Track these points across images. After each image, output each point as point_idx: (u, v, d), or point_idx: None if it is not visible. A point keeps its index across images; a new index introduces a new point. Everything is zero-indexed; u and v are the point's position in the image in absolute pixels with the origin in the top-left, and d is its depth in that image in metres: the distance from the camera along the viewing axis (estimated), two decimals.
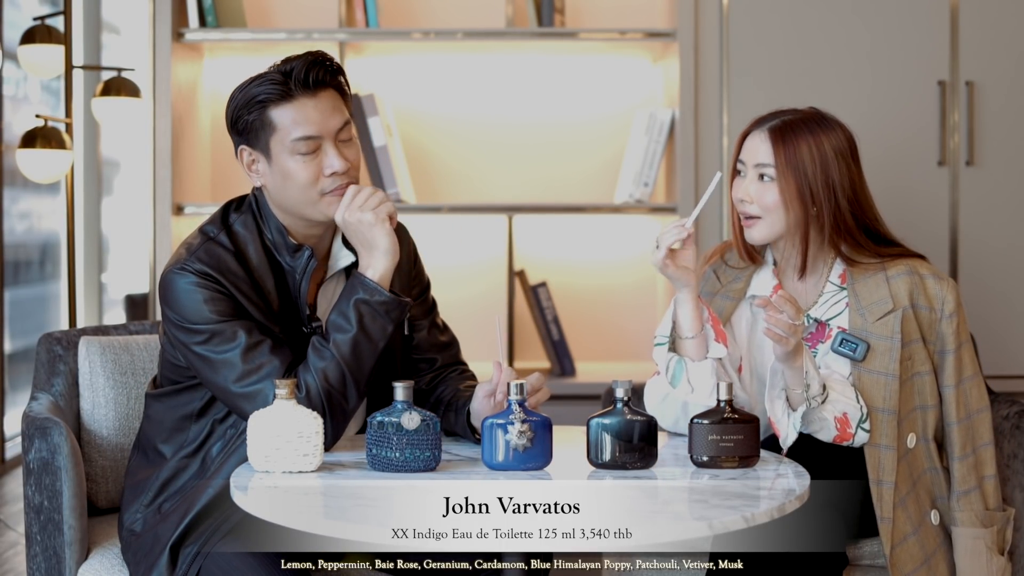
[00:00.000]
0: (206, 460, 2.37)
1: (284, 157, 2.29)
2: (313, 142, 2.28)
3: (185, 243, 2.36)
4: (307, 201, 2.31)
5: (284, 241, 2.35)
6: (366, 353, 2.26)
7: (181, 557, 2.29)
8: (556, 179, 4.09)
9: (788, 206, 2.47)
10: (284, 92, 2.27)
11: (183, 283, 2.27)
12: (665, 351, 2.44)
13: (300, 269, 2.34)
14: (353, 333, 2.25)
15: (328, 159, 2.29)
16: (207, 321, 2.26)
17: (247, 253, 2.33)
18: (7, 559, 4.09)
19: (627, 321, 4.08)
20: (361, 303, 2.26)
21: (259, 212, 2.38)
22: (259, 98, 2.27)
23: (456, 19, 3.99)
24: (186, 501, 2.34)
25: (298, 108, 2.27)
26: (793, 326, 2.31)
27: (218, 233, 2.34)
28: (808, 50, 3.65)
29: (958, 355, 2.54)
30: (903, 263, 2.54)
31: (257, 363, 2.24)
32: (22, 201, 6.05)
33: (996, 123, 3.64)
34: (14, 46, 4.75)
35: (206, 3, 3.78)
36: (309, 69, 2.27)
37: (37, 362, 2.74)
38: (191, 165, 3.89)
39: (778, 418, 2.40)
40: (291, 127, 2.27)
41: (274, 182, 2.32)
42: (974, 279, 3.64)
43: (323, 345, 2.26)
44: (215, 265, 2.28)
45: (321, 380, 2.24)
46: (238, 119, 2.31)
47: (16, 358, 5.69)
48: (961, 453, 2.53)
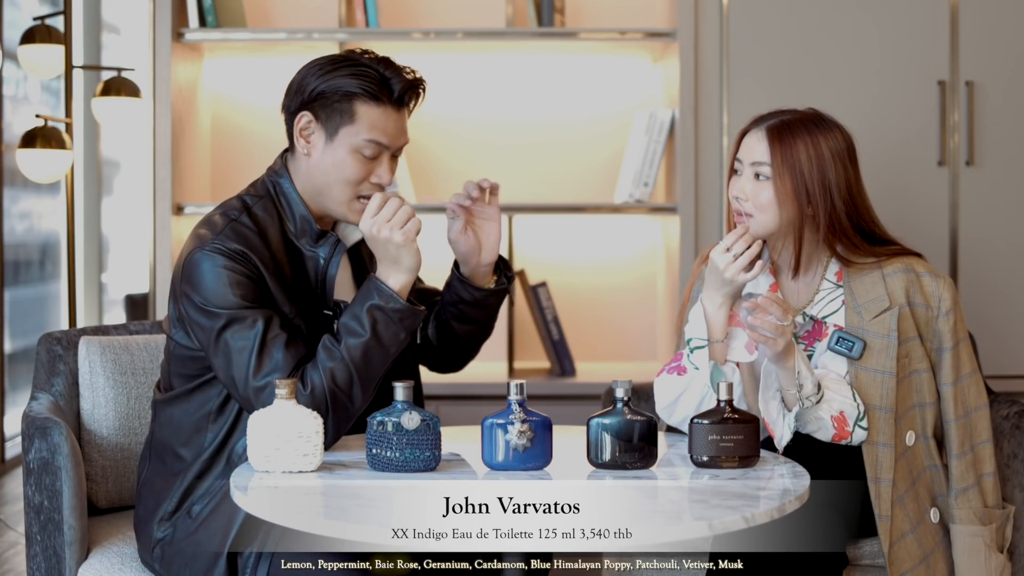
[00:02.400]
0: (231, 458, 2.36)
1: (346, 148, 2.35)
2: (379, 149, 2.36)
3: (207, 224, 2.36)
4: (340, 196, 2.37)
5: (309, 227, 2.39)
6: (377, 359, 2.27)
7: (241, 562, 2.28)
8: (556, 179, 4.09)
9: (782, 205, 2.48)
10: (378, 95, 2.34)
11: (211, 264, 2.29)
12: (706, 354, 2.45)
13: (326, 256, 2.38)
14: (366, 338, 2.26)
15: (380, 169, 2.38)
16: (230, 305, 2.27)
17: (268, 235, 2.36)
18: (7, 559, 4.10)
19: (627, 321, 4.08)
20: (376, 309, 2.27)
21: (278, 198, 2.41)
22: (351, 88, 2.34)
23: (456, 19, 3.99)
24: (226, 504, 2.32)
25: (382, 115, 2.36)
26: (780, 327, 2.32)
27: (240, 215, 2.37)
28: (808, 50, 3.65)
29: (955, 352, 2.54)
30: (899, 261, 2.55)
31: (271, 356, 2.25)
32: (22, 201, 6.05)
33: (996, 123, 3.64)
34: (14, 46, 4.75)
35: (206, 3, 3.78)
36: (408, 89, 2.38)
37: (37, 362, 2.74)
38: (191, 165, 3.89)
39: (773, 419, 2.41)
40: (368, 128, 2.35)
41: (322, 161, 2.37)
42: (974, 279, 3.64)
43: (334, 346, 2.26)
44: (244, 242, 2.31)
45: (328, 380, 2.24)
46: (318, 91, 2.35)
47: (16, 358, 5.69)
48: (959, 451, 2.54)
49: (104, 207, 6.63)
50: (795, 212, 2.49)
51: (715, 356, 2.46)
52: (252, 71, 4.05)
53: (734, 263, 2.42)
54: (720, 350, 2.46)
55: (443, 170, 4.07)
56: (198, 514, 2.35)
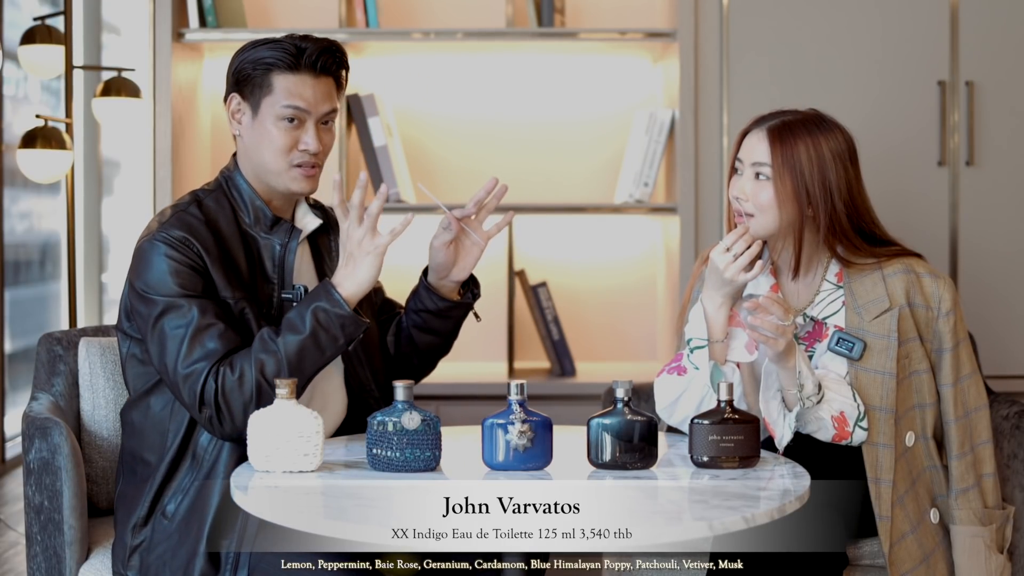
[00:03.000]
0: (197, 453, 2.37)
1: (269, 120, 2.42)
2: (299, 115, 2.42)
3: (158, 216, 2.45)
4: (276, 168, 2.43)
5: (263, 215, 2.45)
6: (310, 360, 2.30)
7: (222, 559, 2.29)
8: (556, 179, 4.09)
9: (782, 206, 2.48)
10: (292, 63, 2.41)
11: (154, 252, 2.36)
12: (706, 354, 2.45)
13: (282, 242, 2.43)
14: (303, 337, 2.29)
15: (306, 136, 2.43)
16: (168, 293, 2.33)
17: (219, 224, 2.42)
18: (7, 559, 4.09)
19: (627, 321, 4.08)
20: (320, 311, 2.30)
21: (230, 190, 2.48)
22: (267, 60, 2.42)
23: (456, 19, 3.99)
24: (200, 499, 2.33)
25: (298, 82, 2.42)
26: (781, 327, 2.32)
27: (188, 206, 2.44)
28: (808, 50, 3.65)
29: (955, 353, 2.54)
30: (899, 262, 2.55)
31: (201, 345, 2.29)
32: (22, 201, 6.05)
33: (996, 123, 3.64)
34: (14, 46, 4.75)
35: (206, 3, 3.78)
36: (321, 54, 2.42)
37: (37, 362, 2.74)
38: (191, 165, 3.89)
39: (773, 419, 2.41)
40: (285, 95, 2.42)
41: (252, 137, 2.45)
42: (974, 279, 3.64)
43: (271, 339, 2.30)
44: (188, 230, 2.37)
45: (257, 371, 2.27)
46: (241, 71, 2.44)
47: (16, 358, 5.69)
48: (959, 451, 2.54)
49: (104, 207, 6.63)
50: (795, 213, 2.49)
51: (715, 356, 2.46)
52: None
53: (734, 263, 2.42)
54: (720, 350, 2.46)
55: (443, 170, 4.07)
56: (173, 513, 2.36)
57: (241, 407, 2.27)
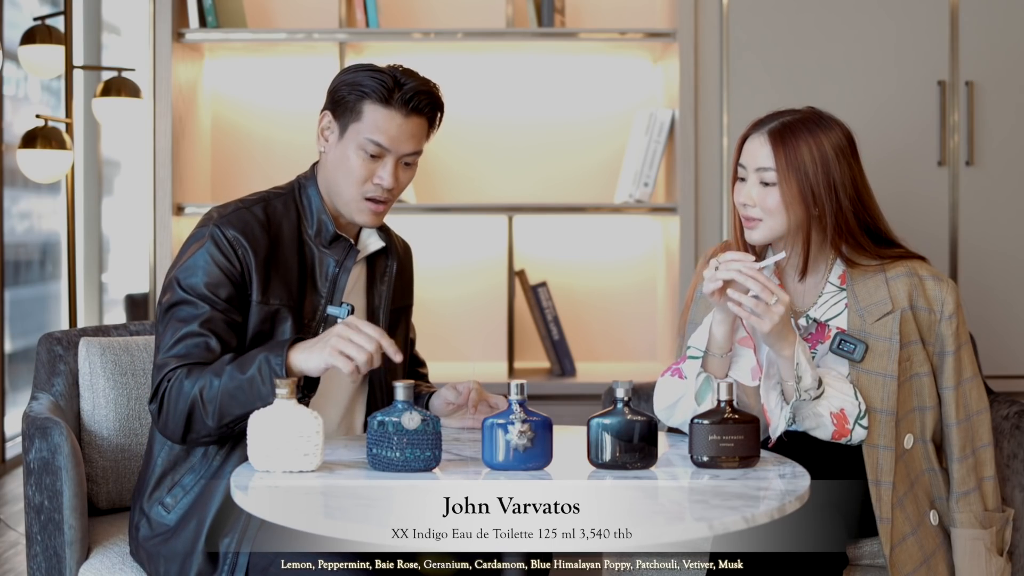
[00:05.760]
0: (208, 450, 2.38)
1: (352, 146, 2.40)
2: (380, 151, 2.39)
3: (222, 206, 2.44)
4: (348, 196, 2.42)
5: (325, 229, 2.44)
6: (239, 401, 2.26)
7: (220, 558, 2.30)
8: (556, 179, 4.09)
9: (790, 208, 2.47)
10: (385, 97, 2.38)
11: (201, 245, 2.36)
12: (698, 365, 2.44)
13: (337, 260, 2.43)
14: (244, 379, 2.26)
15: (382, 171, 2.40)
16: (190, 288, 2.33)
17: (280, 228, 2.42)
18: (7, 559, 4.10)
19: (627, 321, 4.09)
20: (265, 362, 2.25)
21: (300, 197, 2.47)
22: (363, 87, 2.39)
23: (456, 19, 3.99)
24: (200, 503, 2.34)
25: (387, 117, 2.39)
26: (765, 305, 2.30)
27: (254, 204, 2.43)
28: (808, 50, 3.65)
29: (957, 356, 2.54)
30: (903, 264, 2.54)
31: (184, 346, 2.31)
32: (22, 201, 6.06)
33: (996, 123, 3.64)
34: (14, 46, 4.75)
35: (206, 3, 3.78)
36: (416, 93, 2.40)
37: (37, 362, 2.74)
38: (191, 165, 3.89)
39: (771, 408, 2.41)
40: (371, 127, 2.39)
41: (333, 157, 2.43)
42: (974, 280, 3.64)
43: (226, 365, 2.28)
44: (242, 229, 2.37)
45: (198, 389, 2.27)
46: (337, 91, 2.42)
47: (16, 358, 5.69)
48: (960, 454, 2.54)
49: (104, 207, 6.63)
50: (802, 214, 2.48)
51: (711, 370, 2.45)
52: (252, 71, 4.05)
53: (712, 282, 2.37)
54: (718, 365, 2.45)
55: (443, 170, 4.07)
56: (173, 507, 2.38)
57: (177, 414, 2.29)
